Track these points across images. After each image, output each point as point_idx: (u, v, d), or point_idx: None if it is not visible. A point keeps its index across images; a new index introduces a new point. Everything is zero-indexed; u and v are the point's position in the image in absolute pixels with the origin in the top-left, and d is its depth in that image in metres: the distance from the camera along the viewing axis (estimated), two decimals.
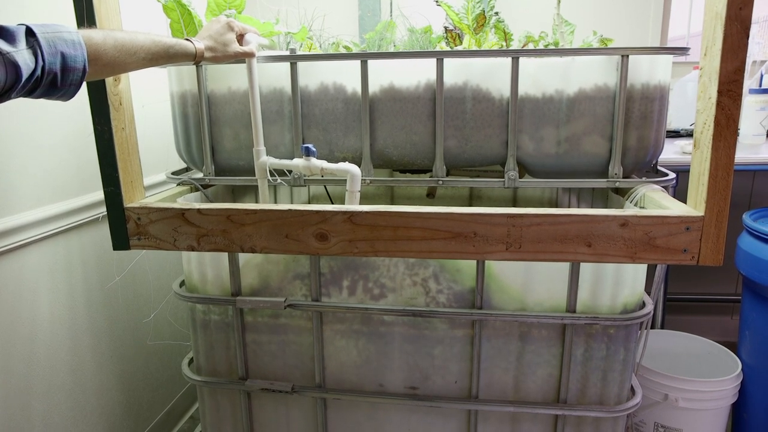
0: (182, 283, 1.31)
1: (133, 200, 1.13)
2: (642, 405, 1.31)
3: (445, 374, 1.21)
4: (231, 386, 1.29)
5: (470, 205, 1.62)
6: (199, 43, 1.03)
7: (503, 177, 1.16)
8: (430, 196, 1.61)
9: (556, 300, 1.13)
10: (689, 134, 1.99)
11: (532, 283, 1.13)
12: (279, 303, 1.19)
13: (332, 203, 1.33)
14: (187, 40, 1.02)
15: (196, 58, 1.03)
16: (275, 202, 1.62)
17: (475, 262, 1.12)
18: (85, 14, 0.99)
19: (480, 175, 1.26)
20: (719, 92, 0.89)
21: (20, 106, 1.18)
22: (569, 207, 1.54)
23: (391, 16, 2.17)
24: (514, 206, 1.60)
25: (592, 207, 1.43)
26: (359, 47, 1.43)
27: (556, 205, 1.61)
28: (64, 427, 1.36)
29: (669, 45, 2.30)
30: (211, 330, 1.28)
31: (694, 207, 0.97)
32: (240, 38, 1.11)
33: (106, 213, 1.12)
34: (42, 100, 0.81)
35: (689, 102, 2.05)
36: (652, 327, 1.86)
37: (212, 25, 1.08)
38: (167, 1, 1.19)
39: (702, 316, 2.32)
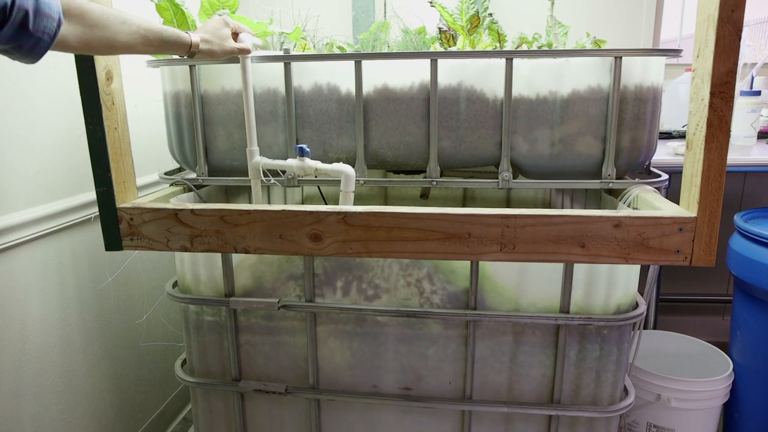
0: (175, 284, 1.31)
1: (125, 200, 1.12)
2: (635, 405, 1.32)
3: (439, 375, 1.21)
4: (224, 387, 1.29)
5: (464, 206, 1.62)
6: (195, 36, 1.03)
7: (497, 178, 1.16)
8: (424, 197, 1.61)
9: (549, 301, 1.14)
10: (681, 136, 2.01)
11: (525, 284, 1.14)
12: (273, 304, 1.19)
13: (326, 204, 1.33)
14: (184, 33, 1.02)
15: (191, 49, 1.02)
16: (269, 202, 1.62)
17: (469, 262, 1.12)
18: None
19: (473, 176, 1.26)
20: (712, 94, 0.89)
21: (10, 104, 1.18)
22: (563, 208, 1.54)
23: (385, 16, 2.17)
24: (507, 207, 1.60)
25: (585, 208, 1.43)
26: (353, 48, 1.43)
27: (550, 206, 1.61)
28: (55, 430, 1.35)
29: (661, 46, 2.32)
30: (204, 331, 1.27)
31: (686, 208, 0.98)
32: (234, 37, 1.11)
33: (98, 213, 1.11)
34: (31, 95, 0.80)
35: (681, 104, 2.06)
36: (645, 327, 1.86)
37: (208, 21, 1.09)
38: (160, 0, 1.18)
39: (694, 316, 2.34)
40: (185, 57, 1.05)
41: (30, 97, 1.22)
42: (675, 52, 1.11)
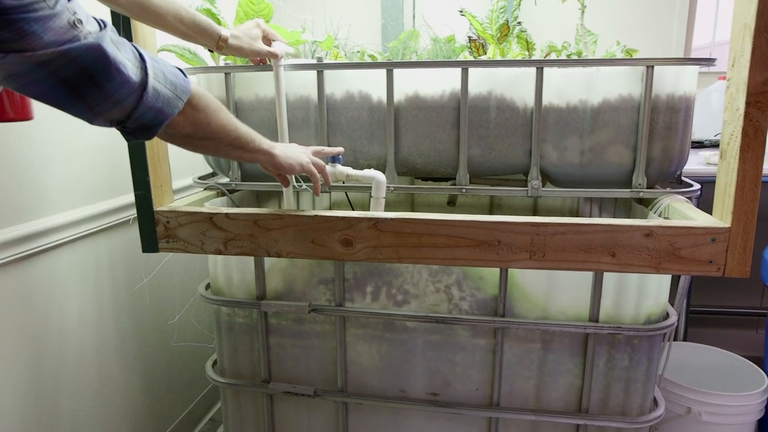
0: (208, 286, 1.34)
1: (162, 204, 1.16)
2: (665, 418, 1.30)
3: (467, 381, 1.21)
4: (254, 389, 1.31)
5: (490, 214, 1.63)
6: (225, 31, 1.05)
7: (525, 186, 1.17)
8: (451, 204, 1.61)
9: (578, 309, 1.13)
10: (713, 145, 1.98)
11: (554, 292, 1.14)
12: (303, 307, 1.21)
13: (352, 209, 1.35)
14: (216, 24, 1.05)
15: (219, 42, 1.05)
16: (297, 208, 1.64)
17: (498, 269, 1.13)
18: (121, 26, 1.02)
19: (500, 184, 1.26)
20: (747, 103, 0.89)
21: (54, 114, 1.22)
22: (591, 216, 1.54)
23: (413, 25, 2.20)
24: (534, 215, 1.60)
25: (614, 217, 1.42)
26: (383, 56, 1.45)
27: (578, 215, 1.61)
28: (91, 426, 1.39)
29: (693, 54, 2.29)
30: (235, 333, 1.30)
31: (720, 218, 0.97)
32: (268, 44, 1.13)
33: (136, 216, 1.14)
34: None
35: (713, 112, 2.03)
36: (675, 339, 1.84)
37: (243, 24, 1.12)
38: (197, 9, 1.22)
39: (726, 329, 2.29)
40: (212, 50, 1.07)
41: None
42: (708, 61, 1.10)
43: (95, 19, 0.65)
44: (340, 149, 1.11)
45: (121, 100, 0.67)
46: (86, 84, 0.63)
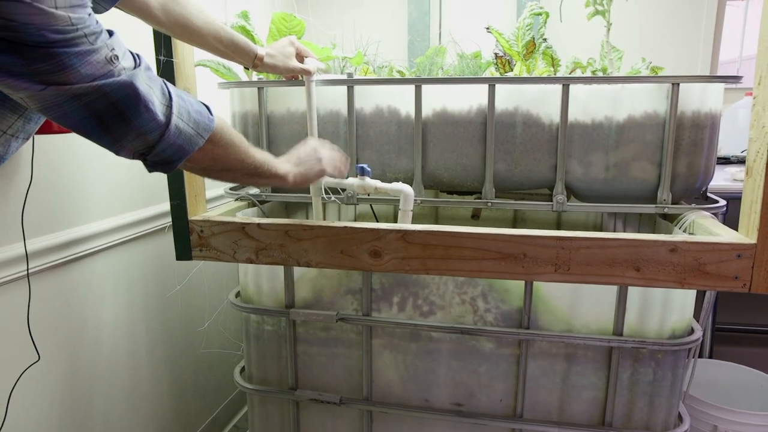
0: (237, 294, 1.37)
1: (196, 213, 1.20)
2: None
3: (491, 392, 1.23)
4: (281, 396, 1.34)
5: (514, 227, 1.64)
6: (261, 50, 1.10)
7: (548, 200, 1.19)
8: (476, 218, 1.63)
9: (603, 322, 1.14)
10: (740, 161, 1.97)
11: (579, 305, 1.15)
12: (331, 316, 1.24)
13: (377, 221, 1.38)
14: (253, 43, 1.10)
15: (256, 60, 1.10)
16: (324, 219, 1.68)
17: (523, 282, 1.14)
18: (162, 44, 1.07)
19: (525, 198, 1.28)
20: None
21: None
22: (615, 231, 1.54)
23: (439, 41, 2.23)
24: (558, 229, 1.61)
25: (639, 232, 1.43)
26: (410, 71, 1.49)
27: (602, 230, 1.61)
28: (121, 428, 1.43)
29: (720, 69, 2.29)
30: (264, 340, 1.33)
31: (746, 234, 0.98)
32: (301, 60, 1.18)
33: (171, 224, 1.19)
34: None
35: (740, 128, 2.03)
36: (701, 356, 1.82)
37: (276, 42, 1.16)
38: (232, 26, 1.27)
39: (753, 347, 2.26)
40: (248, 67, 1.12)
41: None
42: (734, 79, 1.11)
43: (132, 54, 0.68)
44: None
45: (145, 134, 0.69)
46: (115, 118, 0.66)
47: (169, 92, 0.72)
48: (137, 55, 0.69)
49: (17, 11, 0.53)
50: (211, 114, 0.79)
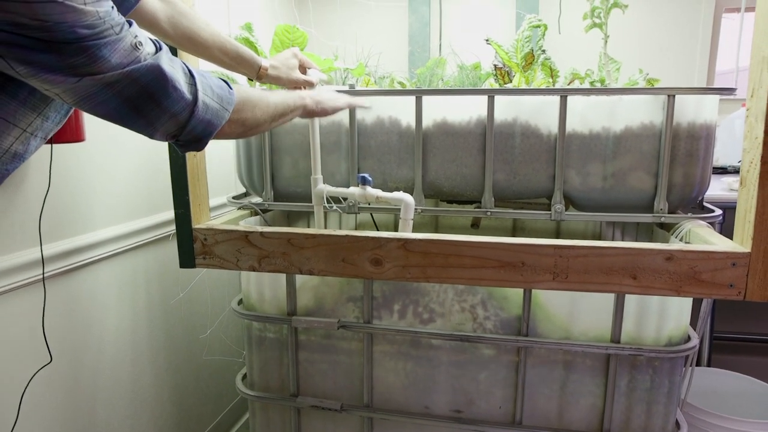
0: (240, 302, 1.39)
1: (200, 222, 1.22)
2: None
3: (490, 399, 1.24)
4: (282, 402, 1.35)
5: (513, 236, 1.66)
6: (265, 61, 1.12)
7: (547, 209, 1.20)
8: (475, 227, 1.65)
9: (600, 330, 1.16)
10: (736, 171, 1.99)
11: (577, 313, 1.16)
12: (332, 323, 1.25)
13: (377, 230, 1.40)
14: (257, 55, 1.12)
15: (260, 72, 1.12)
16: (326, 227, 1.69)
17: (522, 290, 1.16)
18: None
19: (524, 207, 1.30)
20: (766, 132, 0.92)
21: (98, 140, 1.30)
22: (613, 240, 1.56)
23: (440, 52, 2.26)
24: (557, 238, 1.63)
25: (636, 241, 1.45)
26: (411, 82, 1.51)
27: (600, 239, 1.63)
28: None
29: (717, 78, 2.32)
30: (265, 347, 1.35)
31: (740, 243, 1.00)
32: (303, 71, 1.20)
33: (175, 232, 1.21)
34: (115, 133, 0.87)
35: (737, 139, 2.05)
36: (698, 364, 1.83)
37: (280, 53, 1.18)
38: (236, 38, 1.29)
39: (751, 356, 2.26)
40: (252, 79, 1.14)
41: (114, 135, 1.35)
42: (729, 91, 1.13)
43: (152, 40, 0.71)
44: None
45: (176, 114, 0.73)
46: (147, 101, 0.69)
47: (191, 71, 0.76)
48: (156, 40, 0.72)
49: (53, 11, 0.57)
50: (230, 87, 0.83)
